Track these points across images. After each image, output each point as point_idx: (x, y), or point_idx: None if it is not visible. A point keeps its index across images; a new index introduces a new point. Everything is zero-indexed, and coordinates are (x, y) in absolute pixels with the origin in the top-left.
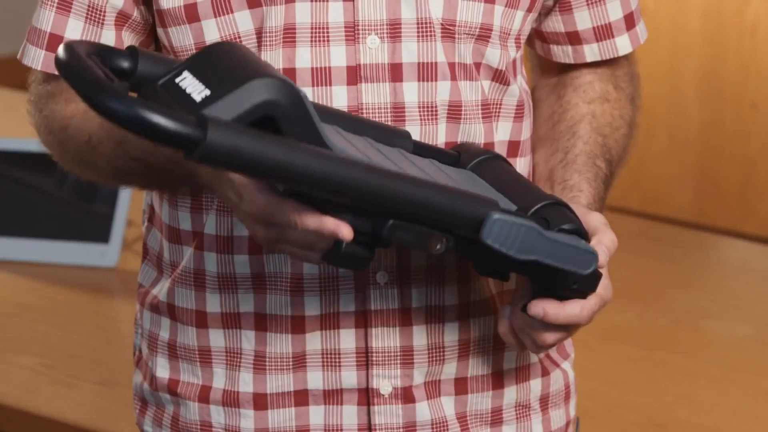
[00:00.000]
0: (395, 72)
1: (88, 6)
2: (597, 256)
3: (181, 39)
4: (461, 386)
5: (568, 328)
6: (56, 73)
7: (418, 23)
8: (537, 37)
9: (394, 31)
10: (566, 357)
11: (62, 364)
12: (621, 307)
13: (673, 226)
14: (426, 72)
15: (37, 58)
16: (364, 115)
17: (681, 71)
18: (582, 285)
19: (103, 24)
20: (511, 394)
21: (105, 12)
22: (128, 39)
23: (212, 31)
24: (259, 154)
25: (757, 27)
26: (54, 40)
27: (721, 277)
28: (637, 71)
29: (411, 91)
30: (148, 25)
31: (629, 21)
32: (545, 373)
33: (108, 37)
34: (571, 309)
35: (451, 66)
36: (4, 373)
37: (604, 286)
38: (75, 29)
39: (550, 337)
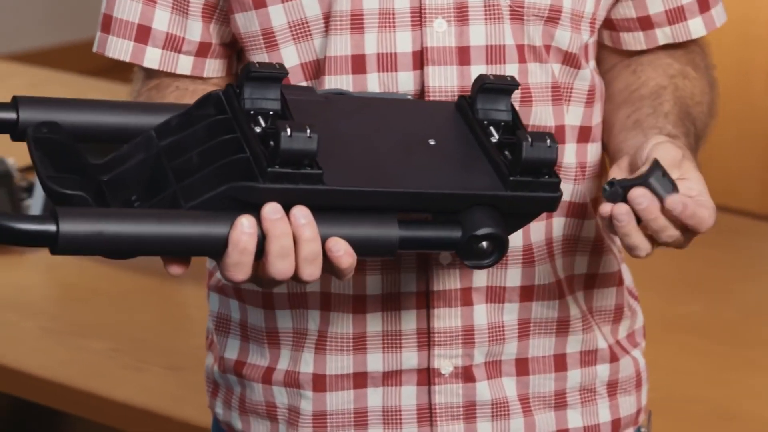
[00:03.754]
0: (463, 55)
1: None
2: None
3: (248, 25)
4: (522, 367)
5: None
6: (147, 65)
7: (485, 6)
8: (606, 27)
9: (461, 14)
10: (636, 345)
11: (131, 348)
12: (688, 298)
13: (742, 217)
14: (494, 54)
15: (125, 50)
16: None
17: (751, 61)
18: None
19: (188, 14)
20: (575, 377)
21: (189, 2)
22: (216, 31)
23: (279, 17)
24: (119, 231)
25: None
26: (142, 30)
27: None
28: (705, 43)
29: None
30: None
31: (703, 3)
32: (614, 359)
33: (194, 28)
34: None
35: (520, 48)
36: (74, 357)
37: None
38: (162, 20)
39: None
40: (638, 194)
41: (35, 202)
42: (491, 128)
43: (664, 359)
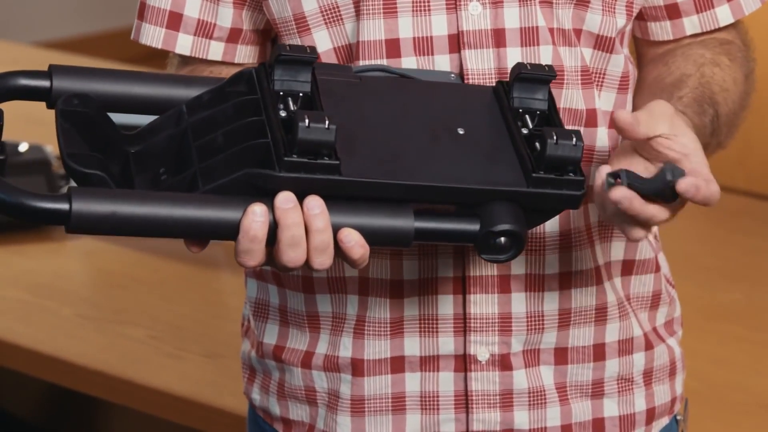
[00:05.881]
0: (498, 37)
1: None
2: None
3: (281, 10)
4: (561, 356)
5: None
6: (179, 51)
7: None
8: (635, 17)
9: None
10: (672, 334)
11: (169, 336)
12: (728, 287)
13: None
14: (528, 37)
15: (157, 37)
16: (468, 83)
17: None
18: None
19: (219, 0)
20: (613, 366)
21: None
22: (248, 18)
23: (311, 1)
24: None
25: None
26: (174, 17)
27: None
28: (749, 39)
29: (515, 56)
30: None
31: None
32: (649, 346)
33: (225, 14)
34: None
35: (551, 31)
36: (112, 343)
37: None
38: (193, 6)
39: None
40: (619, 195)
41: None
42: (526, 116)
43: (705, 348)
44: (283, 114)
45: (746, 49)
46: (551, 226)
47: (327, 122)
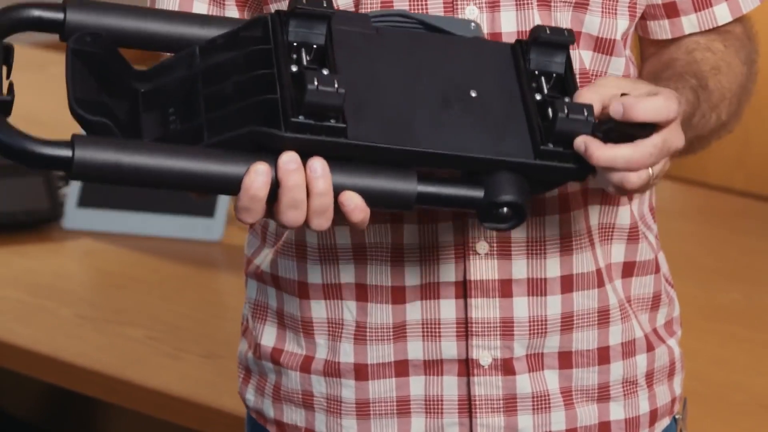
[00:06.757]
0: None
1: None
2: None
3: None
4: (565, 360)
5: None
6: None
7: None
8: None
9: (492, 0)
10: (672, 334)
11: (168, 336)
12: (727, 287)
13: None
14: None
15: None
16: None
17: None
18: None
19: (224, 5)
20: (617, 369)
21: None
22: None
23: None
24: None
25: None
26: None
27: None
28: (753, 32)
29: None
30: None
31: None
32: (650, 348)
33: (230, 16)
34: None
35: None
36: (111, 344)
37: (672, 131)
38: (200, 10)
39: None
40: (578, 141)
41: (72, 190)
42: (542, 79)
43: (704, 348)
44: (294, 68)
45: (748, 40)
46: (552, 229)
47: (336, 85)
